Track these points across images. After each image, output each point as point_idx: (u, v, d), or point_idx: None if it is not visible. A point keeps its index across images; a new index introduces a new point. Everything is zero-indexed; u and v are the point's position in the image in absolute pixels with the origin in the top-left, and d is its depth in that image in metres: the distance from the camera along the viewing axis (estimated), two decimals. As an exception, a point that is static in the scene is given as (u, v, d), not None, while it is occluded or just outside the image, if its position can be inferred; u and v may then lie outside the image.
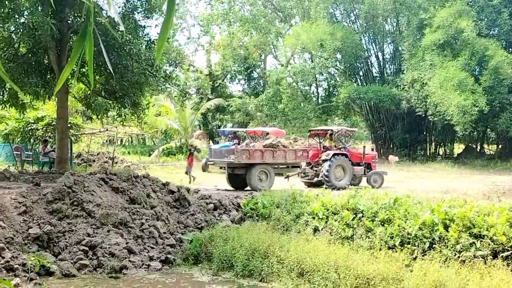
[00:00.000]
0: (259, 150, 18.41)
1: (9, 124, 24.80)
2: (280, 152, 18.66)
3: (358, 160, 20.61)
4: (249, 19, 48.50)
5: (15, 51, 16.84)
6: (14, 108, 19.84)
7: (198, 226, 13.19)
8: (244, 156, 18.01)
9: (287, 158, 18.84)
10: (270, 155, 18.43)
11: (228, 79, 52.09)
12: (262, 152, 18.36)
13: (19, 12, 15.90)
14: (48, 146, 21.27)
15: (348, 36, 39.35)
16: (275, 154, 18.54)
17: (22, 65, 16.70)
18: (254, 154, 18.20)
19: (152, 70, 18.16)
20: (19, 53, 17.12)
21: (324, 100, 46.69)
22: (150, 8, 18.29)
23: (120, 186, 13.36)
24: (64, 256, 10.73)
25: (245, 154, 18.09)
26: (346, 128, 22.13)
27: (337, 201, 12.26)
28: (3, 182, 15.35)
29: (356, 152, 21.22)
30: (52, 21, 14.97)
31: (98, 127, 33.42)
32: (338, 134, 21.02)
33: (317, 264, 9.33)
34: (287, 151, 18.91)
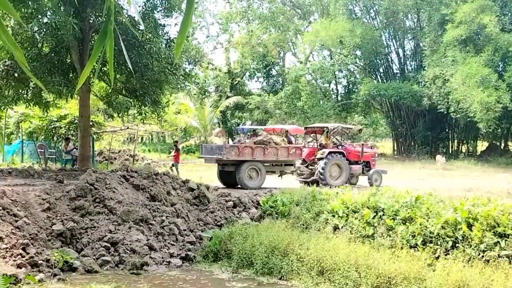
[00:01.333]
0: (249, 147, 17.82)
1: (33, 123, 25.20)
2: (271, 149, 18.06)
3: (356, 158, 20.01)
4: (267, 17, 48.43)
5: (38, 50, 17.06)
6: (37, 107, 20.15)
7: (218, 224, 13.24)
8: (233, 153, 17.50)
9: (279, 156, 18.23)
10: (260, 152, 17.83)
11: (247, 76, 52.14)
12: (252, 149, 17.76)
13: (42, 12, 16.09)
14: (70, 144, 21.52)
15: (368, 32, 39.10)
16: (266, 151, 17.94)
17: (45, 64, 16.91)
18: (243, 151, 17.64)
19: (172, 68, 18.27)
20: (42, 53, 17.34)
21: (343, 97, 46.45)
22: (169, 7, 18.37)
23: (140, 184, 13.47)
24: (86, 252, 10.84)
25: (234, 151, 17.57)
26: (342, 125, 21.41)
27: (358, 199, 12.17)
28: (27, 179, 15.60)
29: (354, 150, 20.54)
30: (74, 21, 15.14)
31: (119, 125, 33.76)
32: (333, 132, 20.27)
33: (337, 262, 9.28)
34: (279, 148, 18.28)
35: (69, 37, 15.44)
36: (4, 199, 11.03)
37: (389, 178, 20.15)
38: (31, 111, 24.27)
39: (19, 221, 10.67)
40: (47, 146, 23.51)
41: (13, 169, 17.06)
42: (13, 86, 17.60)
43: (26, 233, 10.45)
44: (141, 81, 17.84)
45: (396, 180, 20.25)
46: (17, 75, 16.69)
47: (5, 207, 10.76)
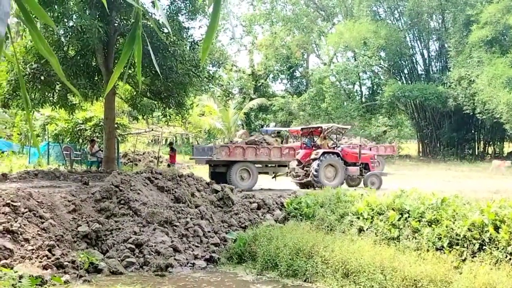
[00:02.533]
0: (240, 147, 17.46)
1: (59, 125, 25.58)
2: (263, 149, 17.60)
3: (354, 160, 19.42)
4: (291, 19, 48.39)
5: (64, 53, 17.34)
6: (63, 109, 20.47)
7: (242, 225, 13.24)
8: (224, 153, 17.11)
9: (271, 156, 17.77)
10: (252, 153, 17.41)
11: (271, 78, 52.15)
12: (243, 149, 17.37)
13: (68, 16, 16.34)
14: (96, 146, 21.79)
15: (392, 33, 38.85)
16: (258, 151, 17.48)
17: (71, 67, 17.18)
18: (234, 151, 17.25)
19: (196, 71, 18.38)
20: (68, 56, 17.61)
21: (368, 98, 46.16)
22: (194, 10, 18.49)
23: (165, 185, 13.55)
24: (111, 254, 10.92)
25: (225, 151, 17.18)
26: (337, 126, 20.86)
27: (382, 201, 12.04)
28: (53, 181, 15.83)
29: (351, 152, 20.04)
30: (99, 24, 15.35)
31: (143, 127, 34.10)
32: (328, 132, 19.83)
33: (362, 265, 9.20)
34: (272, 148, 17.83)
35: (95, 40, 15.64)
36: (30, 201, 11.18)
37: (415, 180, 19.91)
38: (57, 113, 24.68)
39: (45, 222, 10.80)
40: (73, 148, 23.84)
41: (39, 171, 17.32)
42: (39, 89, 17.90)
43: (52, 235, 10.56)
44: (166, 84, 18.00)
45: (421, 182, 19.99)
46: (44, 78, 16.97)
47: (32, 208, 10.91)
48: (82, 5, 16.09)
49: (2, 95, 18.15)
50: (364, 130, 39.29)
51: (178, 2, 18.48)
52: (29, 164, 21.93)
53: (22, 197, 11.09)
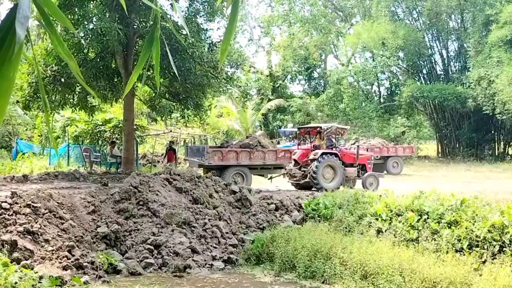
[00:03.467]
0: (233, 151, 17.05)
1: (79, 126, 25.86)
2: (258, 153, 17.23)
3: (352, 160, 19.05)
4: (309, 20, 48.30)
5: (84, 56, 17.52)
6: (83, 111, 20.69)
7: (260, 227, 13.23)
8: (216, 158, 16.68)
9: (266, 159, 17.41)
10: (246, 156, 17.04)
11: (289, 79, 52.10)
12: (237, 153, 16.99)
13: (88, 19, 16.52)
14: (115, 148, 21.97)
15: (411, 34, 38.58)
16: (252, 155, 17.11)
17: (91, 69, 17.35)
18: (227, 156, 16.84)
19: (214, 72, 18.44)
20: (88, 58, 17.79)
21: (386, 99, 45.87)
22: (212, 12, 18.55)
23: (183, 186, 13.60)
24: (130, 255, 10.99)
25: (217, 155, 16.76)
26: (336, 126, 20.28)
27: (401, 202, 11.97)
28: (73, 182, 15.99)
29: (349, 152, 19.59)
30: (119, 27, 15.49)
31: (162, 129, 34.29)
32: (327, 132, 19.23)
33: (381, 266, 9.14)
34: (266, 151, 17.45)
35: (114, 42, 15.78)
36: (50, 202, 11.31)
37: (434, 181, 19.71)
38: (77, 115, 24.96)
39: (65, 223, 10.90)
40: (92, 149, 24.06)
41: (60, 172, 17.52)
42: (60, 91, 18.11)
43: (71, 236, 10.66)
44: (184, 85, 18.08)
45: (440, 183, 19.78)
46: (64, 80, 17.17)
47: (52, 209, 11.03)
48: (102, 7, 16.26)
49: (23, 97, 18.41)
50: (382, 130, 39.03)
51: (196, 4, 18.57)
52: (49, 166, 22.18)
53: (43, 198, 11.22)
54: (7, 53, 1.73)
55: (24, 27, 1.72)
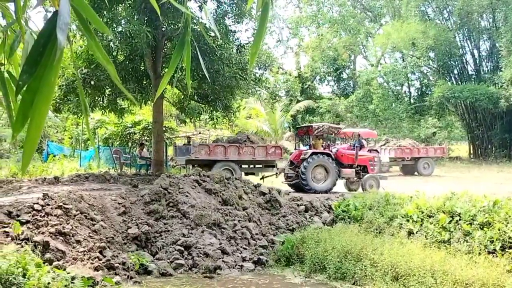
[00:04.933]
0: (221, 146, 16.69)
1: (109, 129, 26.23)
2: (247, 148, 16.78)
3: (350, 161, 18.41)
4: (338, 20, 48.05)
5: (113, 58, 17.75)
6: (113, 113, 20.96)
7: (290, 228, 13.19)
8: (203, 152, 16.35)
9: (255, 155, 16.93)
10: (235, 152, 16.63)
11: (317, 80, 51.91)
12: (225, 148, 16.58)
13: (117, 22, 16.73)
14: (145, 150, 22.20)
15: (441, 33, 37.99)
16: (241, 150, 16.68)
17: (120, 72, 17.58)
18: (215, 150, 16.45)
19: (243, 74, 18.47)
20: (117, 61, 18.03)
21: (416, 100, 45.25)
22: (240, 13, 18.59)
23: (213, 188, 13.66)
24: (161, 256, 11.07)
25: (205, 150, 16.43)
26: (328, 125, 19.42)
27: (432, 204, 11.80)
28: (103, 184, 16.21)
29: (347, 153, 18.94)
30: (147, 29, 15.65)
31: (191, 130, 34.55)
32: (318, 131, 18.50)
33: (412, 268, 9.01)
34: (256, 147, 16.96)
35: (143, 45, 15.95)
36: (82, 203, 11.46)
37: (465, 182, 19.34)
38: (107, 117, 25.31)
39: (96, 224, 11.03)
40: (122, 151, 24.35)
41: (90, 174, 17.75)
42: (89, 94, 18.39)
43: (103, 237, 10.77)
44: (213, 87, 18.17)
45: (472, 184, 19.41)
46: (94, 83, 17.42)
47: (83, 211, 11.17)
48: (130, 10, 16.45)
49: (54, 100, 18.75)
50: (412, 131, 38.54)
51: (224, 6, 18.65)
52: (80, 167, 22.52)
53: (74, 199, 11.38)
54: (48, 59, 1.78)
55: (64, 33, 1.76)
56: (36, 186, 14.78)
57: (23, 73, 1.84)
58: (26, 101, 1.79)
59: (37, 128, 1.78)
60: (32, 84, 1.79)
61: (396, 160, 27.62)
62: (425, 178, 25.56)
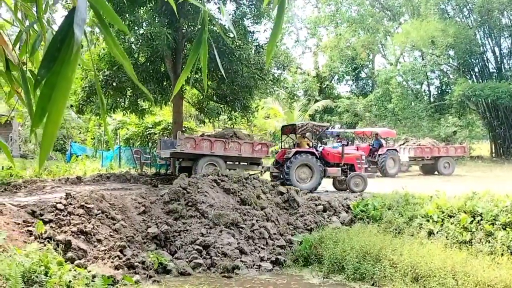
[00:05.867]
0: (207, 140, 16.25)
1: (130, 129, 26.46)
2: (233, 144, 16.36)
3: (337, 160, 18.16)
4: (356, 20, 47.77)
5: (135, 60, 17.93)
6: (134, 114, 21.17)
7: (308, 228, 13.16)
8: (189, 145, 15.86)
9: (241, 152, 16.51)
10: (221, 147, 16.19)
11: (336, 80, 51.71)
12: (211, 142, 16.16)
13: (138, 24, 16.90)
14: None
15: (461, 31, 37.51)
16: (227, 145, 16.25)
17: (141, 73, 17.75)
18: (201, 144, 16.00)
19: (261, 74, 18.50)
20: (139, 63, 18.21)
21: (436, 98, 44.77)
22: (259, 14, 18.64)
23: (231, 188, 13.69)
24: (179, 255, 11.13)
25: (190, 143, 15.95)
26: (313, 123, 19.04)
27: (453, 203, 11.66)
28: (124, 183, 16.38)
29: (334, 151, 18.71)
30: (168, 31, 15.78)
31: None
32: (302, 130, 18.29)
33: (432, 269, 8.92)
34: (242, 143, 16.54)
35: (164, 46, 16.08)
36: (103, 203, 11.60)
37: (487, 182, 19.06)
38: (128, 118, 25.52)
39: (117, 224, 11.16)
40: (143, 151, 24.54)
41: (111, 174, 17.97)
42: (111, 95, 18.60)
43: (123, 236, 10.89)
44: (231, 87, 18.24)
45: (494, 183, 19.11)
46: (115, 85, 17.62)
47: (104, 210, 11.31)
48: (151, 13, 16.60)
49: (77, 102, 19.00)
50: (432, 130, 38.12)
51: (243, 7, 18.71)
52: (101, 168, 22.76)
53: (95, 199, 11.53)
54: (65, 54, 1.81)
55: (81, 29, 1.79)
56: (59, 186, 15.02)
57: (41, 68, 1.87)
58: (44, 96, 1.82)
59: (55, 123, 1.80)
60: (50, 79, 1.81)
61: (415, 159, 27.32)
62: (446, 177, 25.27)
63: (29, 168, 19.93)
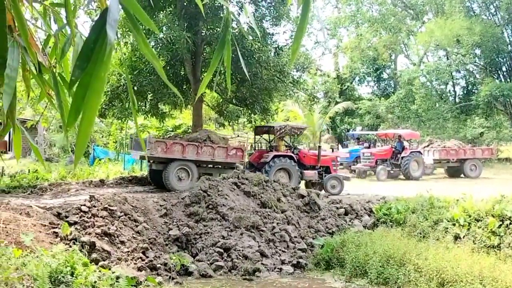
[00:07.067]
0: (179, 144, 15.60)
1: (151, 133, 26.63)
2: (206, 148, 15.82)
3: (313, 162, 18.04)
4: (378, 19, 47.25)
5: (155, 64, 18.02)
6: (155, 118, 21.31)
7: (329, 231, 13.07)
8: (160, 149, 15.18)
9: (215, 156, 15.95)
10: (193, 151, 15.61)
11: (357, 81, 51.25)
12: (183, 146, 15.56)
13: (158, 28, 17.00)
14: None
15: (488, 29, 36.85)
16: (199, 150, 15.68)
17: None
18: (172, 148, 15.38)
19: (281, 76, 18.45)
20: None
21: (462, 99, 43.99)
22: (278, 16, 18.61)
23: (251, 190, 13.68)
24: (201, 257, 11.18)
25: (161, 147, 15.25)
26: (291, 125, 18.73)
27: (480, 207, 11.42)
28: (146, 186, 16.50)
29: (310, 153, 18.60)
30: (187, 35, 15.84)
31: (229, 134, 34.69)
32: (280, 132, 17.82)
33: (459, 274, 8.74)
34: (216, 148, 16.00)
35: (183, 50, 16.16)
36: (125, 205, 11.72)
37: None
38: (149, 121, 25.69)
39: (139, 226, 11.28)
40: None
41: (133, 177, 18.14)
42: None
43: (145, 238, 11.00)
44: (251, 90, 18.23)
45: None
46: (136, 88, 17.74)
47: (127, 212, 11.44)
48: (171, 17, 16.68)
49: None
50: (458, 132, 37.51)
51: (262, 9, 18.69)
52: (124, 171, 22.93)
53: (118, 201, 11.65)
54: (99, 54, 1.85)
55: (114, 30, 1.84)
56: (83, 188, 15.25)
57: (75, 68, 1.93)
58: (78, 96, 1.88)
59: (89, 122, 1.86)
60: (84, 80, 1.87)
61: (440, 161, 26.88)
62: (472, 180, 24.83)
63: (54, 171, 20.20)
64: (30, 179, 17.18)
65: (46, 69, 3.26)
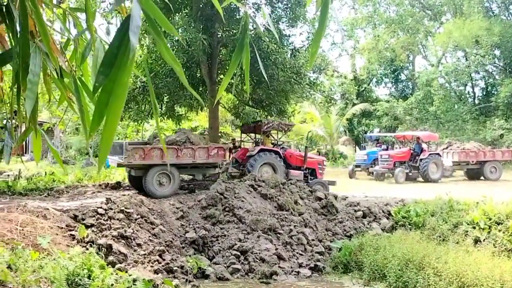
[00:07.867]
0: (158, 149, 14.79)
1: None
2: (186, 150, 15.20)
3: (299, 163, 17.66)
4: (395, 20, 46.92)
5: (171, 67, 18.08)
6: (171, 120, 21.38)
7: (347, 234, 12.97)
8: (137, 156, 14.46)
9: (196, 158, 15.31)
10: (172, 155, 14.91)
11: (374, 83, 50.93)
12: (162, 151, 14.88)
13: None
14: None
15: (508, 30, 36.39)
16: (179, 153, 15.02)
17: (177, 79, 17.90)
18: (151, 153, 14.71)
19: (297, 78, 18.39)
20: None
21: (481, 100, 43.46)
22: (294, 17, 18.55)
23: (268, 193, 13.64)
24: (217, 260, 11.17)
25: (139, 154, 14.51)
26: (279, 121, 18.38)
27: (501, 210, 11.25)
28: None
29: (296, 154, 18.22)
30: (203, 37, 15.87)
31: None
32: (267, 128, 17.56)
33: (479, 278, 8.59)
34: (196, 149, 15.38)
35: (199, 52, 16.19)
36: (142, 208, 11.75)
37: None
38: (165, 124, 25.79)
39: (156, 228, 11.29)
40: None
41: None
42: (149, 101, 18.84)
43: (162, 240, 11.01)
44: (267, 92, 18.19)
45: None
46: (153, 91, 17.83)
47: (143, 215, 11.46)
48: (187, 19, 16.72)
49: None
50: (477, 134, 37.03)
51: (278, 10, 18.65)
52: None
53: (135, 204, 11.69)
54: (121, 60, 1.88)
55: (136, 36, 1.87)
56: (100, 191, 15.34)
57: (99, 74, 1.96)
58: (101, 101, 1.91)
59: (112, 127, 1.90)
60: (107, 85, 1.90)
61: (460, 164, 26.48)
62: (492, 183, 24.45)
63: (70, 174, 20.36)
64: (47, 182, 17.32)
65: (67, 74, 3.31)
